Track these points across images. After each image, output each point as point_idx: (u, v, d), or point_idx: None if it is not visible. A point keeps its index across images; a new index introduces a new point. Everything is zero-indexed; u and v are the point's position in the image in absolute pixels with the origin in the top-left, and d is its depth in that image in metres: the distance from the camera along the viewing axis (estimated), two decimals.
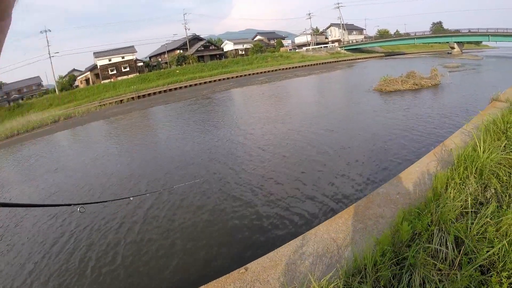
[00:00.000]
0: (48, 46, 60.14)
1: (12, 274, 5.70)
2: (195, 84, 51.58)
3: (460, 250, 3.05)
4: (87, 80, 65.90)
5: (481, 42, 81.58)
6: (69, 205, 1.93)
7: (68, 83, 65.26)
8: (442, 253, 3.08)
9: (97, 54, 63.76)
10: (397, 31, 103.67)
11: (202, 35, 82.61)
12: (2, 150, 22.27)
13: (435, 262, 2.96)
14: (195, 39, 77.59)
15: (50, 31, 60.39)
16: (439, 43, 72.13)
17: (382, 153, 8.83)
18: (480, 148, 4.94)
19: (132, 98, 45.35)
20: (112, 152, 14.29)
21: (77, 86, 65.48)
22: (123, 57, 63.50)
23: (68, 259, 5.86)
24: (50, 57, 60.28)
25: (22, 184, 11.94)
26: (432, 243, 3.20)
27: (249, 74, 57.14)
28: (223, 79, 54.59)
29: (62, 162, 14.10)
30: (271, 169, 8.78)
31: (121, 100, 44.27)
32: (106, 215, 7.40)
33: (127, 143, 16.26)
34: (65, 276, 5.37)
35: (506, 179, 4.38)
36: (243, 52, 79.61)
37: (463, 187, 4.23)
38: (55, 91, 58.51)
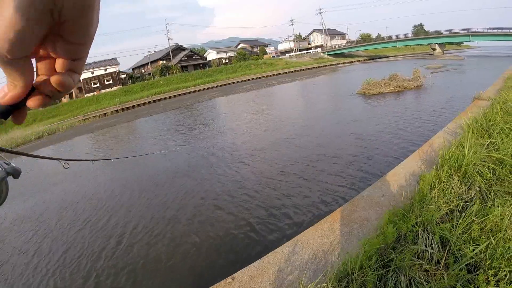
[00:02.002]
0: None
1: None
2: (179, 95, 51.44)
3: (446, 250, 3.04)
4: (70, 94, 65.23)
5: (462, 42, 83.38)
6: (56, 159, 2.00)
7: None
8: (428, 253, 3.06)
9: None
10: (379, 34, 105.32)
11: (185, 44, 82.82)
12: None
13: (422, 262, 2.94)
14: (178, 49, 77.60)
15: None
16: (421, 45, 73.38)
17: (366, 156, 8.86)
18: (465, 147, 4.97)
19: (116, 110, 44.98)
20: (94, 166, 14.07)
21: (60, 100, 64.73)
22: (105, 70, 63.12)
23: None
24: None
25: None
26: (417, 244, 3.18)
27: (234, 82, 57.28)
28: (208, 88, 54.60)
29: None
30: (253, 177, 8.73)
31: (105, 114, 43.82)
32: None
33: (111, 155, 16.04)
34: None
35: (490, 177, 4.41)
36: (227, 61, 79.90)
37: (448, 186, 4.24)
38: None
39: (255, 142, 12.58)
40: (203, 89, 54.12)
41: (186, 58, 75.29)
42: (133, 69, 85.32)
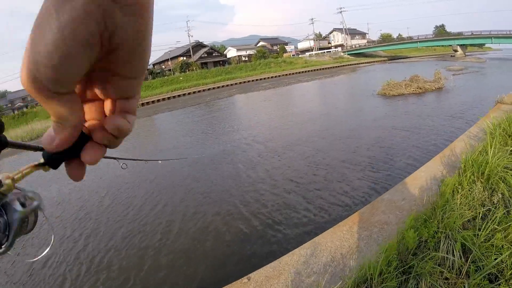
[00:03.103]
0: None
1: None
2: (199, 91, 51.67)
3: (467, 258, 2.98)
4: None
5: (484, 44, 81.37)
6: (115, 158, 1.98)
7: None
8: (449, 261, 3.01)
9: None
10: (399, 35, 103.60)
11: (205, 41, 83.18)
12: (9, 158, 22.44)
13: (442, 270, 2.89)
14: (198, 46, 78.00)
15: None
16: (442, 46, 71.93)
17: (387, 158, 8.74)
18: (489, 152, 4.85)
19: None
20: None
21: None
22: None
23: None
24: None
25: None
26: (438, 251, 3.13)
27: (252, 80, 57.20)
28: (227, 85, 54.65)
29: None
30: (273, 177, 8.71)
31: None
32: None
33: (132, 149, 16.25)
34: None
35: None
36: (246, 58, 79.98)
37: (470, 192, 4.15)
38: None
39: (274, 141, 12.54)
40: (222, 86, 54.23)
41: (206, 55, 75.65)
42: (153, 65, 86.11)
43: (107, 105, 0.45)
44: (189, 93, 50.53)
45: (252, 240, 5.75)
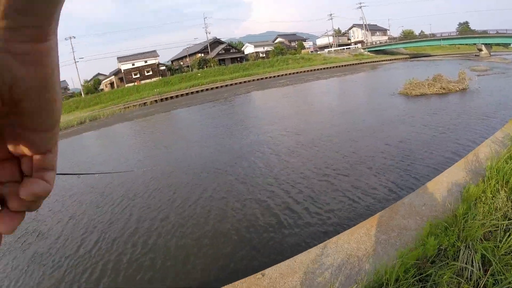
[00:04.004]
0: (73, 52, 61.99)
1: None
2: (216, 87, 51.94)
3: (486, 270, 2.91)
4: (111, 84, 67.36)
5: (510, 44, 78.90)
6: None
7: (93, 86, 67.01)
8: (468, 271, 2.94)
9: (121, 59, 65.09)
10: (422, 31, 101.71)
11: (223, 38, 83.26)
12: None
13: (460, 280, 2.83)
14: (216, 42, 78.16)
15: (74, 37, 62.30)
16: (466, 44, 70.08)
17: (407, 161, 8.61)
18: None
19: (155, 101, 46.12)
20: (135, 150, 14.47)
21: (102, 89, 67.02)
22: (146, 61, 64.60)
23: None
24: (75, 62, 62.15)
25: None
26: (457, 261, 3.06)
27: (270, 77, 57.12)
28: (244, 82, 54.72)
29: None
30: (292, 175, 8.69)
31: (144, 103, 45.11)
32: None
33: (151, 142, 16.45)
34: None
35: None
36: (264, 55, 79.69)
37: (493, 201, 4.04)
38: (81, 94, 60.17)
39: (294, 139, 12.54)
40: (240, 82, 54.33)
41: (223, 52, 75.75)
42: (172, 61, 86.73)
43: (23, 162, 0.41)
44: (207, 89, 50.89)
45: (269, 236, 5.77)
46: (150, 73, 64.07)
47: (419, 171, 7.82)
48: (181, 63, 79.89)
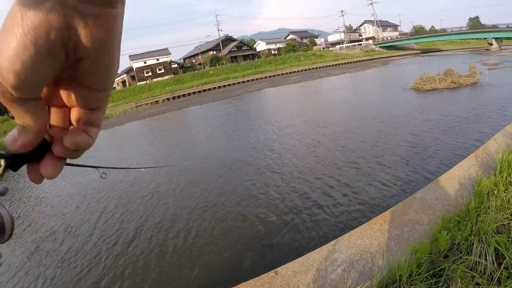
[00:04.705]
0: None
1: None
2: (229, 85, 52.08)
3: (500, 264, 2.89)
4: (123, 82, 67.95)
5: None
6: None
7: None
8: (481, 265, 2.92)
9: (133, 57, 65.58)
10: (432, 27, 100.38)
11: (235, 35, 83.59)
12: None
13: (474, 274, 2.82)
14: (228, 40, 78.33)
15: None
16: (477, 39, 69.02)
17: (419, 155, 8.55)
18: None
19: (168, 99, 46.44)
20: (152, 149, 14.61)
21: (114, 88, 67.44)
22: (157, 59, 64.99)
23: None
24: None
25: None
26: (471, 255, 3.05)
27: (282, 74, 57.05)
28: (256, 79, 54.77)
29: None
30: (304, 172, 8.69)
31: (156, 101, 45.46)
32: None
33: (165, 140, 16.58)
34: None
35: None
36: (276, 52, 79.58)
37: (506, 194, 4.01)
38: None
39: (305, 135, 12.51)
40: (252, 79, 54.38)
41: (235, 49, 75.87)
42: (184, 59, 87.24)
43: (73, 113, 0.45)
44: (219, 87, 51.04)
45: (281, 233, 5.78)
46: (162, 71, 64.46)
47: (431, 166, 7.75)
48: (193, 60, 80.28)
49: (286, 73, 57.33)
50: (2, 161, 0.42)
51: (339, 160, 9.12)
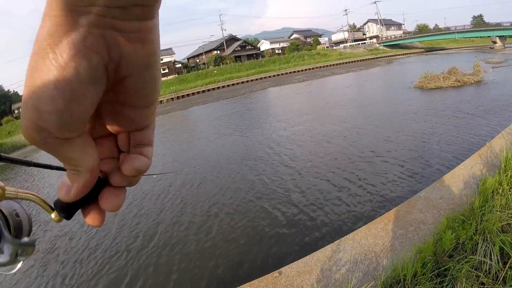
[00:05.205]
0: None
1: None
2: (233, 84, 52.11)
3: (505, 263, 2.88)
4: None
5: None
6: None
7: None
8: (486, 265, 2.91)
9: None
10: (436, 25, 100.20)
11: (239, 35, 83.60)
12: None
13: (479, 274, 2.80)
14: (232, 39, 78.33)
15: None
16: (480, 37, 68.65)
17: (424, 154, 8.51)
18: None
19: (172, 98, 46.54)
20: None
21: None
22: (161, 59, 64.88)
23: None
24: None
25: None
26: (476, 254, 3.03)
27: (286, 73, 57.01)
28: (260, 78, 54.77)
29: None
30: (309, 170, 8.68)
31: (161, 101, 45.49)
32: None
33: (173, 140, 16.63)
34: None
35: None
36: (280, 51, 79.50)
37: (510, 193, 3.98)
38: None
39: (309, 134, 12.50)
40: (256, 79, 54.38)
41: (239, 49, 75.91)
42: (188, 59, 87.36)
43: (121, 139, 0.42)
44: (223, 86, 51.09)
45: (285, 233, 5.78)
46: (166, 71, 64.56)
47: (435, 164, 7.72)
48: (197, 60, 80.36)
49: (290, 73, 57.29)
50: (54, 214, 0.40)
51: (342, 159, 9.10)
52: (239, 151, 11.99)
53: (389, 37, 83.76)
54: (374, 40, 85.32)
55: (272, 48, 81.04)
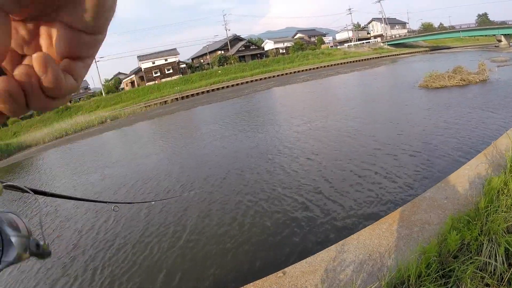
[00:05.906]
0: None
1: None
2: (237, 84, 52.17)
3: (510, 264, 2.86)
4: (132, 83, 68.40)
5: None
6: (105, 202, 1.66)
7: (114, 85, 68.21)
8: (491, 266, 2.89)
9: (141, 58, 65.97)
10: (441, 24, 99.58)
11: (243, 35, 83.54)
12: (55, 149, 23.76)
13: (484, 275, 2.79)
14: (236, 39, 78.35)
15: None
16: (485, 36, 68.23)
17: (429, 154, 8.47)
18: None
19: (176, 99, 46.68)
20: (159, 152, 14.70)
21: (122, 88, 68.13)
22: (166, 60, 65.27)
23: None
24: (95, 61, 63.20)
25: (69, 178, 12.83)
26: (481, 255, 3.01)
27: (290, 73, 56.95)
28: (265, 78, 54.76)
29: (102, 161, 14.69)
30: (313, 170, 8.67)
31: (165, 101, 45.72)
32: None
33: (174, 142, 16.66)
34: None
35: None
36: (284, 51, 79.38)
37: None
38: (101, 93, 61.16)
39: (312, 134, 12.49)
40: (260, 79, 54.37)
41: (243, 48, 75.90)
42: (192, 59, 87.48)
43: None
44: (227, 86, 51.16)
45: (289, 233, 5.78)
46: (171, 71, 64.77)
47: (440, 164, 7.68)
48: (201, 60, 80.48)
49: (295, 72, 57.22)
50: None
51: (346, 159, 9.08)
52: (253, 148, 11.99)
53: (393, 36, 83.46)
54: (379, 39, 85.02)
55: (276, 48, 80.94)
